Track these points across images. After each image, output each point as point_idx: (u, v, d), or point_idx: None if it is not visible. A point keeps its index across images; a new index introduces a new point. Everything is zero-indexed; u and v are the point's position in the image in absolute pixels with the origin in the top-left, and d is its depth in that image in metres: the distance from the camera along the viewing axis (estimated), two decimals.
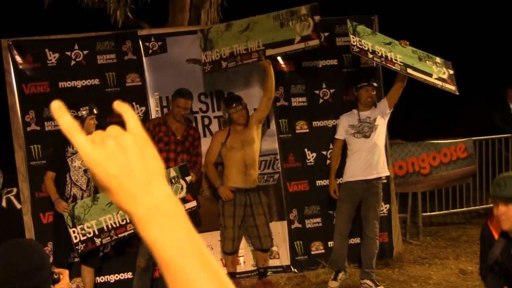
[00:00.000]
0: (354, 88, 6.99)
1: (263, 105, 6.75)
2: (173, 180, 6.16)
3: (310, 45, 6.48)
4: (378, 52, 6.58)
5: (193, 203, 6.25)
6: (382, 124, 6.87)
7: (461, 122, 13.67)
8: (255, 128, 6.73)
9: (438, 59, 6.96)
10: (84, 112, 6.20)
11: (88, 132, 6.21)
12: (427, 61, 6.83)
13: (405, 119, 14.50)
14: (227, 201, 6.64)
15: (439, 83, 6.81)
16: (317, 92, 7.54)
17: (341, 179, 7.02)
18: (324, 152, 7.45)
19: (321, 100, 7.57)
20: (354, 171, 6.79)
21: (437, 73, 6.81)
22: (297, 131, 7.40)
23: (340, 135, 6.97)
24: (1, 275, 2.58)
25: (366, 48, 6.54)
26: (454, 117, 15.20)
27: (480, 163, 9.39)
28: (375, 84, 6.92)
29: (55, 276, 2.78)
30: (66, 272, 2.90)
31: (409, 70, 6.61)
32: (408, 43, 6.81)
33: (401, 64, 6.61)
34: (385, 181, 7.56)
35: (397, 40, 6.82)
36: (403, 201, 8.95)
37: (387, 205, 7.70)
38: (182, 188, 6.18)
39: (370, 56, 6.57)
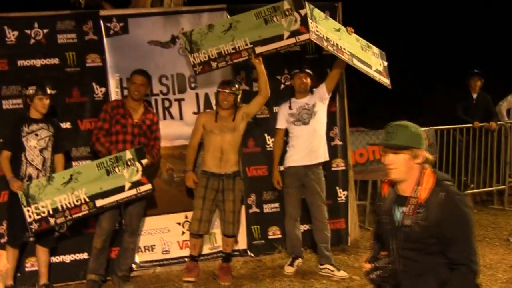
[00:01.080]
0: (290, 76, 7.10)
1: (255, 102, 6.78)
2: (128, 163, 6.16)
3: (301, 39, 6.42)
4: (331, 40, 6.53)
5: (148, 186, 6.27)
6: (321, 110, 6.92)
7: (425, 111, 13.77)
8: (240, 119, 6.72)
9: (375, 49, 6.96)
10: (31, 91, 6.19)
11: (38, 111, 6.21)
12: (367, 51, 6.82)
13: (367, 107, 14.57)
14: (189, 187, 6.74)
15: (377, 75, 6.80)
16: (278, 77, 7.53)
17: (283, 166, 7.07)
18: (285, 138, 7.36)
19: (282, 86, 7.56)
20: (295, 157, 6.88)
21: (375, 64, 6.80)
22: (257, 116, 7.33)
23: (281, 124, 7.03)
24: None
25: (321, 35, 6.47)
26: (418, 106, 15.29)
27: (441, 152, 9.51)
28: (308, 71, 6.94)
29: None
30: (3, 254, 2.90)
31: (355, 61, 6.60)
32: (353, 30, 6.80)
33: (349, 53, 6.60)
34: (344, 167, 7.65)
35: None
36: (363, 189, 9.05)
37: (345, 192, 7.75)
38: (137, 171, 6.20)
39: (325, 44, 6.50)
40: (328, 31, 6.54)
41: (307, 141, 6.84)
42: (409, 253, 3.56)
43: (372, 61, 6.81)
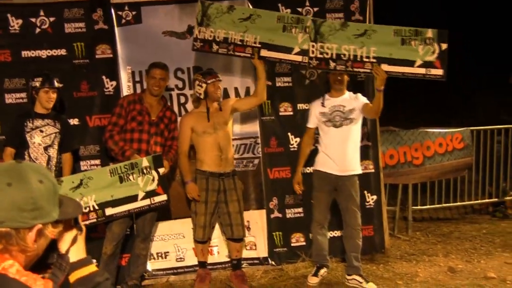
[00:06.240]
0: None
1: (248, 102, 6.48)
2: (144, 170, 5.77)
3: (306, 61, 6.03)
4: (344, 55, 5.94)
5: (163, 197, 5.92)
6: (359, 118, 6.32)
7: (460, 110, 13.27)
8: (228, 113, 6.36)
9: (429, 33, 5.93)
10: (36, 83, 5.86)
11: (43, 106, 5.80)
12: (413, 42, 5.90)
13: (398, 105, 14.07)
14: (192, 198, 6.30)
15: (422, 71, 5.89)
16: (303, 72, 7.06)
17: (312, 167, 6.61)
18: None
19: (307, 81, 7.11)
20: (325, 164, 6.37)
21: (423, 55, 5.87)
22: (280, 114, 6.95)
23: (311, 123, 6.49)
24: None
25: (328, 56, 5.94)
26: (453, 105, 14.77)
27: (477, 155, 9.11)
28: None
29: None
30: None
31: (384, 66, 5.89)
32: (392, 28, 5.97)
33: (374, 60, 5.89)
34: (374, 170, 7.26)
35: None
36: (393, 193, 8.65)
37: (375, 197, 7.30)
38: (153, 180, 5.84)
39: (332, 65, 5.98)
40: (343, 43, 5.94)
41: (339, 148, 6.27)
42: None
43: (418, 54, 5.91)
